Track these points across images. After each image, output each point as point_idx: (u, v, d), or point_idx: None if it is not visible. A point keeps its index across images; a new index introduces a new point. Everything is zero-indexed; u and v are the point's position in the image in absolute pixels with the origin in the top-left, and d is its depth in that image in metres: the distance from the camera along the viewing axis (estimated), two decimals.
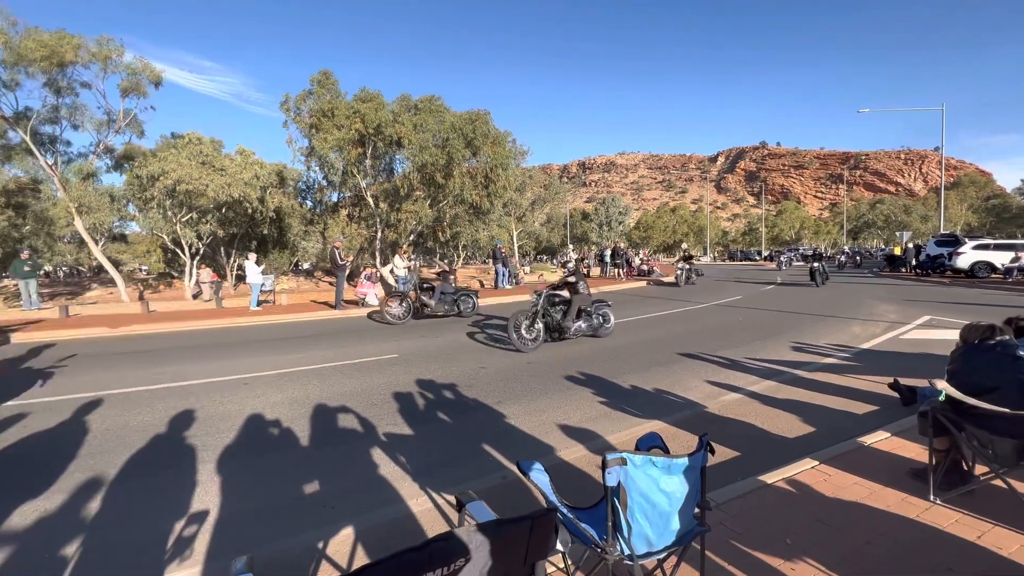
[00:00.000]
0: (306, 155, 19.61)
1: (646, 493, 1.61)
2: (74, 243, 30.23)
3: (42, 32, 14.46)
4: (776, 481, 2.95)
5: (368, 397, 5.09)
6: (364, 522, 2.74)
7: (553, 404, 4.77)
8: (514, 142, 29.96)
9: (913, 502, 2.70)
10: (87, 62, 15.31)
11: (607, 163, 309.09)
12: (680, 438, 3.86)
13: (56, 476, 3.34)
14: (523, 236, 42.86)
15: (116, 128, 17.47)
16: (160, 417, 4.55)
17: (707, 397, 4.92)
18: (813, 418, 4.29)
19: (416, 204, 18.83)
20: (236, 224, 20.45)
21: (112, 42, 15.75)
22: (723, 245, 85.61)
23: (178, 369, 6.50)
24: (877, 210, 69.18)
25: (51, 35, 14.47)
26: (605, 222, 53.44)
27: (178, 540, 2.61)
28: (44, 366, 6.88)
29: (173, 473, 3.40)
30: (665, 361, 6.46)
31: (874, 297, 13.51)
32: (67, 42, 14.57)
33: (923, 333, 8.02)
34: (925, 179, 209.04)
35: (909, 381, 4.69)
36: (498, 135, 18.59)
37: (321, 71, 18.30)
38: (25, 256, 14.37)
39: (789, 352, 6.89)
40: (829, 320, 9.60)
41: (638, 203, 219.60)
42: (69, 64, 14.97)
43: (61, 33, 14.67)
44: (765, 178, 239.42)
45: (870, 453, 3.34)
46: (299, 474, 3.37)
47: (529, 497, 3.01)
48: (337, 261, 13.10)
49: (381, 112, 16.65)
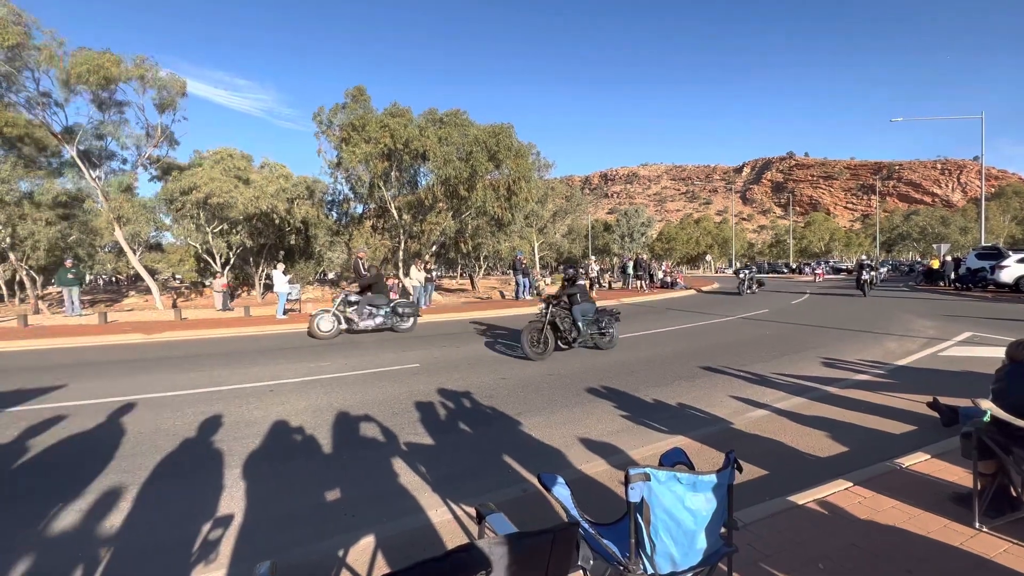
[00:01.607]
0: (334, 167, 20.17)
1: (670, 510, 1.57)
2: (113, 252, 31.66)
3: (90, 51, 15.36)
4: (807, 502, 2.84)
5: (390, 406, 5.13)
6: (384, 531, 2.75)
7: (574, 417, 4.72)
8: (538, 155, 30.21)
9: (957, 529, 2.55)
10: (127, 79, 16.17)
11: (629, 174, 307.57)
12: (705, 454, 3.76)
13: (92, 478, 3.46)
14: (544, 247, 42.89)
15: (155, 142, 18.34)
16: (190, 422, 4.68)
17: (733, 413, 4.79)
18: (846, 437, 4.12)
19: (439, 216, 19.09)
20: (265, 235, 21.12)
21: (148, 60, 16.71)
22: (749, 257, 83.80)
23: (208, 375, 6.69)
24: (912, 221, 66.77)
25: (98, 54, 15.36)
26: (627, 233, 53.00)
27: (204, 543, 2.67)
28: (78, 370, 7.17)
29: (201, 477, 3.49)
30: (689, 375, 6.32)
31: (910, 312, 12.98)
32: (111, 60, 15.46)
33: (964, 350, 7.64)
34: (964, 189, 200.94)
35: (950, 400, 4.46)
36: (521, 148, 18.75)
37: (356, 87, 18.88)
38: (69, 264, 15.11)
39: (819, 368, 6.65)
40: (862, 335, 9.25)
41: (661, 214, 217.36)
42: (114, 81, 15.83)
43: (107, 52, 15.57)
44: (793, 189, 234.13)
45: (908, 476, 3.18)
46: (321, 481, 3.41)
47: (550, 511, 2.96)
48: (361, 271, 13.33)
49: (410, 128, 17.01)
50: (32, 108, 15.74)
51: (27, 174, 18.14)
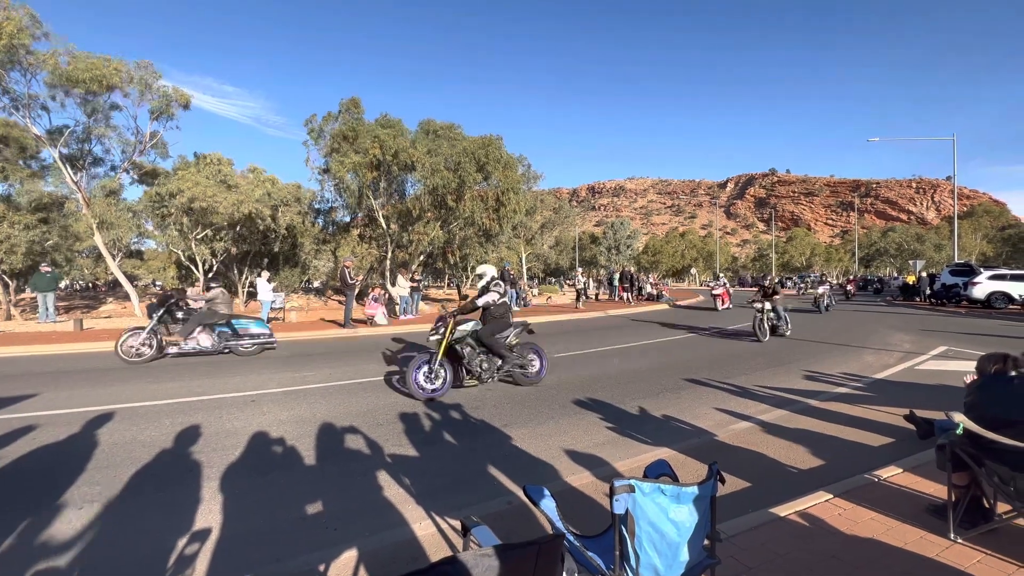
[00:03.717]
0: (321, 175, 20.07)
1: (655, 522, 1.58)
2: (91, 258, 30.93)
3: (92, 56, 15.13)
4: (789, 514, 2.87)
5: (374, 417, 5.07)
6: (367, 545, 2.70)
7: (560, 428, 4.72)
8: (528, 167, 30.47)
9: (933, 540, 2.60)
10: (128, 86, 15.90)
11: (616, 187, 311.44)
12: (689, 466, 3.79)
13: (63, 490, 3.34)
14: (532, 258, 43.05)
15: (142, 148, 18.06)
16: (167, 432, 4.56)
17: (717, 425, 4.84)
18: (826, 449, 4.19)
19: (427, 226, 19.06)
20: (249, 242, 20.85)
21: (151, 67, 16.40)
22: (733, 271, 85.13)
23: (187, 385, 6.54)
24: (889, 238, 68.60)
25: (98, 59, 15.13)
26: (614, 246, 53.54)
27: (179, 558, 2.59)
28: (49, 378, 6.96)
29: (177, 490, 3.40)
30: (673, 387, 6.37)
31: (887, 326, 13.29)
32: (113, 66, 15.22)
33: (940, 364, 7.85)
34: (938, 208, 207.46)
35: (926, 413, 4.56)
36: (510, 159, 18.88)
37: (351, 98, 18.79)
38: (45, 269, 14.71)
39: (801, 381, 6.77)
40: (841, 349, 9.44)
41: (647, 227, 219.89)
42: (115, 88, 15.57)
43: (107, 58, 15.35)
44: (775, 205, 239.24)
45: (886, 487, 3.24)
46: (302, 494, 3.34)
47: (535, 523, 2.95)
48: (347, 280, 13.24)
49: (399, 139, 17.04)
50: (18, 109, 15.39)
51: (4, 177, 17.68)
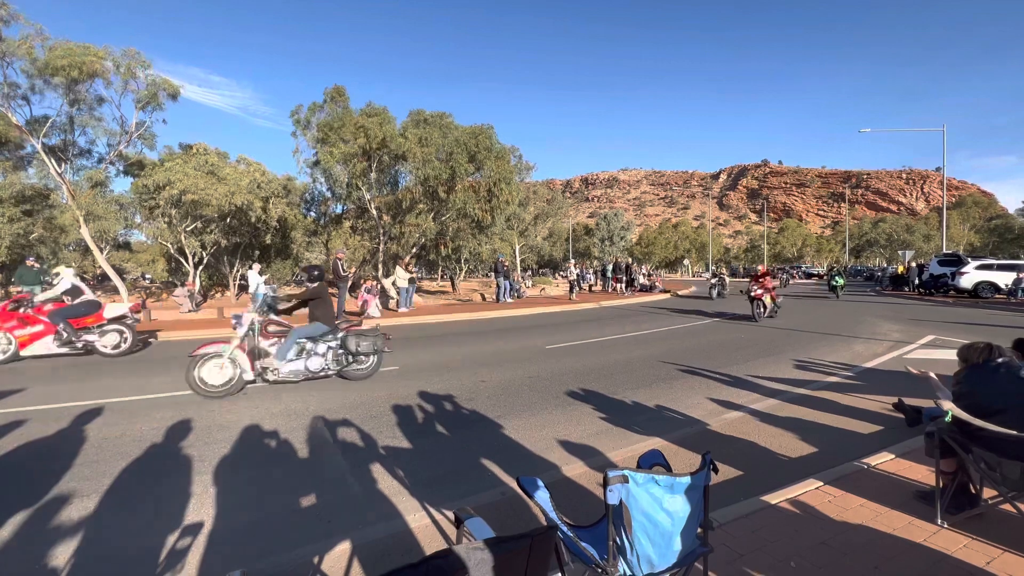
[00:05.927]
0: (311, 166, 19.82)
1: (648, 512, 1.58)
2: (79, 251, 30.44)
3: (70, 43, 14.66)
4: (780, 502, 2.90)
5: (367, 409, 5.06)
6: (361, 537, 2.70)
7: (554, 419, 4.73)
8: (520, 157, 30.28)
9: (920, 525, 2.65)
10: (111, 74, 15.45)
11: (610, 179, 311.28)
12: (682, 456, 3.81)
13: (52, 485, 3.30)
14: (525, 250, 43.00)
15: (128, 139, 17.69)
16: (158, 427, 4.52)
17: (709, 415, 4.87)
18: (816, 437, 4.24)
19: (419, 217, 18.92)
20: (240, 234, 20.59)
21: (140, 55, 15.84)
22: (725, 262, 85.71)
23: (177, 378, 6.46)
24: (879, 229, 69.32)
25: (78, 46, 14.62)
26: (607, 237, 53.63)
27: (171, 553, 2.57)
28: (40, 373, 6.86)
29: (168, 484, 3.37)
30: (667, 377, 6.41)
31: (876, 316, 13.45)
32: (94, 54, 14.64)
33: (928, 352, 7.96)
34: (927, 199, 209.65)
35: (914, 401, 4.63)
36: (502, 150, 18.74)
37: (335, 87, 18.48)
38: (30, 263, 14.45)
39: (792, 370, 6.83)
40: (832, 338, 9.54)
41: (640, 219, 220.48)
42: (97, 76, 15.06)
43: (87, 45, 14.84)
44: (767, 196, 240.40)
45: (875, 474, 3.29)
46: (295, 487, 3.33)
47: (529, 514, 2.96)
48: (340, 272, 13.14)
49: (386, 127, 16.83)
50: None
51: None
